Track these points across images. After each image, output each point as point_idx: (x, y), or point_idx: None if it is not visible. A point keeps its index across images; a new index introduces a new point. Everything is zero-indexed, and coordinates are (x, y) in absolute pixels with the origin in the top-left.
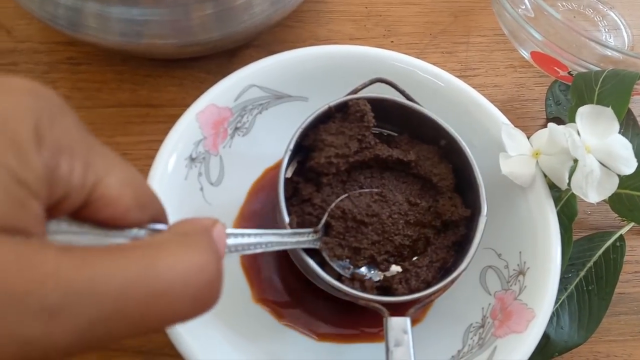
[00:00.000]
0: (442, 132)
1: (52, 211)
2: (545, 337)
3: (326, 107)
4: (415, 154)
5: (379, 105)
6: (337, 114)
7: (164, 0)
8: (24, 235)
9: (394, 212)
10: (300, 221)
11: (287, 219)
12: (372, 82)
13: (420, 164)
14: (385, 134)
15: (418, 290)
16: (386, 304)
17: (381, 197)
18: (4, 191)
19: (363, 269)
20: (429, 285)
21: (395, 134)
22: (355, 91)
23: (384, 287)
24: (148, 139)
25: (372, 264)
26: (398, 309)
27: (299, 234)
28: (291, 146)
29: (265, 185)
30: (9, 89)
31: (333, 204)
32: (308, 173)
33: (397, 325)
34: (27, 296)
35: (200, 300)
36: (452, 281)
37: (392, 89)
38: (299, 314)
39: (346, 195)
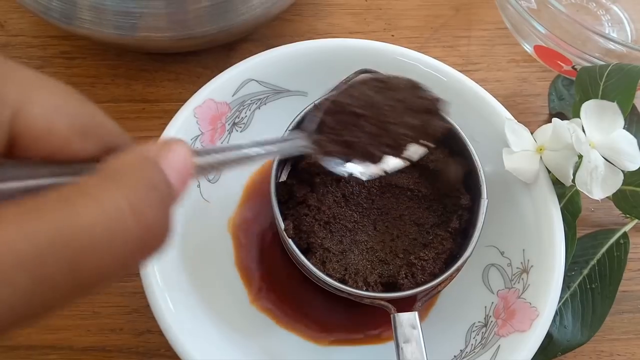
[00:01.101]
0: None
1: None
2: (548, 336)
3: (312, 105)
4: None
5: None
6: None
7: None
8: None
9: (393, 99)
10: (297, 224)
11: (282, 225)
12: (356, 74)
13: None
14: None
15: (424, 282)
16: (392, 301)
17: (383, 83)
18: None
19: (355, 164)
20: (434, 277)
21: None
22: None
23: (389, 284)
24: (143, 134)
25: (366, 157)
26: (405, 305)
27: (286, 140)
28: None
29: (262, 184)
30: None
31: (326, 97)
32: (301, 174)
33: (405, 320)
34: None
35: (140, 246)
36: (458, 269)
37: None
38: (297, 317)
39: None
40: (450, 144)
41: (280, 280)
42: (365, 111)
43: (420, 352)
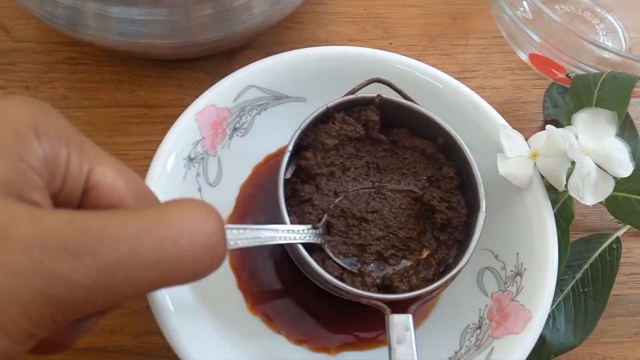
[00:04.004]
0: (439, 130)
1: (58, 200)
2: (541, 338)
3: (324, 108)
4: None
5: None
6: (338, 114)
7: (163, 1)
8: (32, 203)
9: (395, 206)
10: (300, 222)
11: (288, 221)
12: (369, 82)
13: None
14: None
15: (419, 287)
16: (388, 303)
17: (380, 194)
18: (8, 162)
19: (372, 266)
20: (429, 283)
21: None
22: (352, 91)
23: (385, 286)
24: (146, 139)
25: (380, 260)
26: (399, 307)
27: (297, 231)
28: (290, 147)
29: (260, 181)
30: (7, 99)
31: (331, 205)
32: (301, 173)
33: (399, 322)
34: (45, 241)
35: (209, 249)
36: (453, 277)
37: (389, 89)
38: (294, 325)
39: (343, 196)
40: (452, 157)
41: (277, 289)
42: (370, 217)
43: (412, 354)
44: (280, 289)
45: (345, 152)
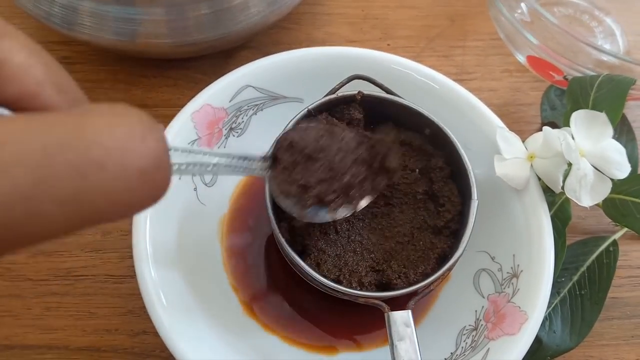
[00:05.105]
0: (424, 121)
1: None
2: (538, 341)
3: (305, 110)
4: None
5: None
6: (321, 116)
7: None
8: None
9: (342, 149)
10: (291, 227)
11: (277, 227)
12: (349, 79)
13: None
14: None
15: (417, 282)
16: (386, 300)
17: (328, 132)
18: None
19: (310, 210)
20: (428, 277)
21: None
22: (333, 90)
23: (383, 284)
24: None
25: (317, 202)
26: (399, 304)
27: (248, 159)
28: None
29: (251, 191)
30: None
31: (279, 134)
32: None
33: (399, 319)
34: None
35: (148, 177)
36: (450, 268)
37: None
38: (289, 325)
39: (293, 126)
40: (440, 147)
41: (267, 286)
42: (318, 155)
43: (414, 350)
44: (275, 289)
45: None
